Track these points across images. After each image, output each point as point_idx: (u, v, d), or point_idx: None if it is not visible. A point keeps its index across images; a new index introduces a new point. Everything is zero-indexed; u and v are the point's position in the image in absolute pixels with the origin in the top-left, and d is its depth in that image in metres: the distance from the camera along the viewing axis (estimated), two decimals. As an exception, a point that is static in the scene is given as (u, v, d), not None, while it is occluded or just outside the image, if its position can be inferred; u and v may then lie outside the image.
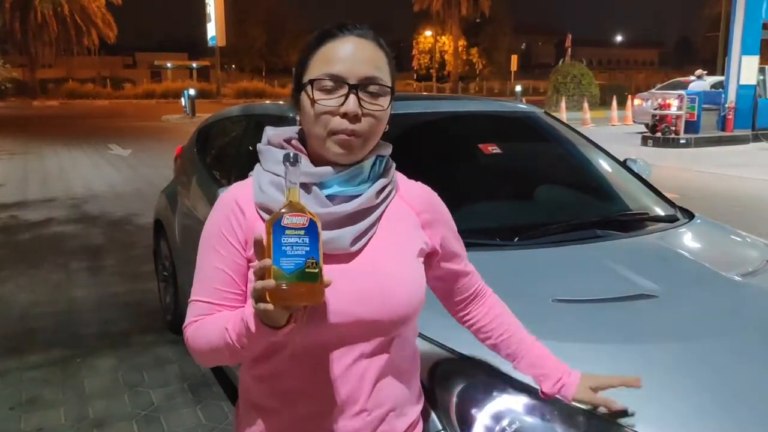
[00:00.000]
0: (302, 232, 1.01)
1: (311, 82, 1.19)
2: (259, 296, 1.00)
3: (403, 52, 78.42)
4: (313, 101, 1.19)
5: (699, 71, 19.16)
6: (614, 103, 22.17)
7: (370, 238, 1.24)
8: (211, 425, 3.21)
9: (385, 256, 1.25)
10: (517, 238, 2.38)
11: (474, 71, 71.61)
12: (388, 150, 1.30)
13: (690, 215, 2.89)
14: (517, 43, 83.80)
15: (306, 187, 1.19)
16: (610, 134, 17.64)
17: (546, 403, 1.51)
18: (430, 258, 1.36)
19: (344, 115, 1.17)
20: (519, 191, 3.05)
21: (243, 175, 1.33)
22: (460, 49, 63.01)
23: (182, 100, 28.09)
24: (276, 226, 1.01)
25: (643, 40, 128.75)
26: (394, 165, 1.32)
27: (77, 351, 4.07)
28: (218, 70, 41.88)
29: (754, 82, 16.93)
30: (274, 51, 65.53)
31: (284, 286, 0.99)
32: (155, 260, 4.75)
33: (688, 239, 2.68)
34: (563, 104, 22.74)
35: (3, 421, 3.27)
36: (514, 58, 46.00)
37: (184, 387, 3.60)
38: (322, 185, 1.21)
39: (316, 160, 1.23)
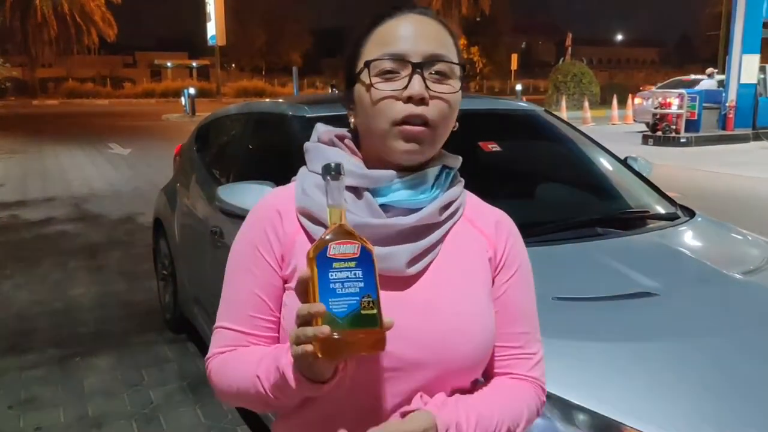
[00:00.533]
0: (353, 263, 0.82)
1: (367, 64, 1.01)
2: (301, 344, 0.82)
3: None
4: (369, 86, 1.01)
5: (710, 69, 19.27)
6: (614, 102, 22.16)
7: (430, 262, 1.03)
8: (210, 424, 3.20)
9: (450, 286, 1.03)
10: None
11: (474, 70, 71.61)
12: (456, 162, 1.11)
13: (691, 213, 2.88)
14: (518, 42, 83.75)
15: (357, 192, 1.02)
16: (610, 133, 17.63)
17: (547, 400, 1.50)
18: None
19: (409, 100, 0.99)
20: (519, 189, 3.04)
21: (242, 174, 1.30)
22: (460, 47, 62.91)
23: (182, 99, 28.10)
24: (321, 258, 0.82)
25: (644, 39, 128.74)
26: (462, 181, 1.12)
27: (76, 350, 4.06)
28: (218, 69, 41.86)
29: (754, 80, 16.92)
30: (274, 50, 65.49)
31: (336, 335, 0.79)
32: (154, 259, 4.74)
33: (688, 237, 2.68)
34: (563, 103, 22.74)
35: (2, 420, 3.26)
36: (515, 57, 45.97)
37: (183, 386, 3.59)
38: (375, 192, 1.03)
39: (374, 165, 1.05)
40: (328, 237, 0.84)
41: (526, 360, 1.10)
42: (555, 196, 3.04)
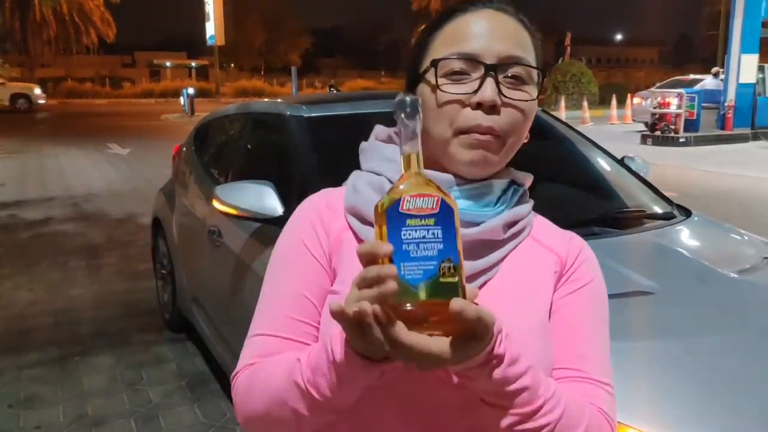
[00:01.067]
0: (431, 221, 0.67)
1: (434, 63, 0.90)
2: (358, 313, 0.67)
3: (403, 52, 78.53)
4: (436, 87, 0.90)
5: (716, 69, 19.34)
6: (614, 101, 22.17)
7: (486, 281, 0.92)
8: (209, 423, 3.21)
9: (506, 306, 0.87)
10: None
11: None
12: (527, 180, 1.01)
13: (687, 213, 2.89)
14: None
15: None
16: (609, 133, 17.64)
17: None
18: None
19: (478, 106, 0.88)
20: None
21: (241, 173, 1.27)
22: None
23: (181, 99, 28.09)
24: (392, 214, 0.67)
25: (643, 39, 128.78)
26: (531, 202, 1.01)
27: (76, 349, 4.07)
28: (217, 69, 41.89)
29: (753, 80, 16.93)
30: (273, 50, 65.57)
31: (409, 306, 0.65)
32: (153, 258, 4.75)
33: (685, 236, 2.69)
34: (563, 103, 22.73)
35: (2, 419, 3.27)
36: (514, 57, 45.93)
37: (182, 385, 3.60)
38: None
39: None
40: (402, 187, 0.69)
41: (589, 384, 0.91)
42: (552, 195, 3.03)
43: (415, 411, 0.88)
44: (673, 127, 15.60)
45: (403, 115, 0.72)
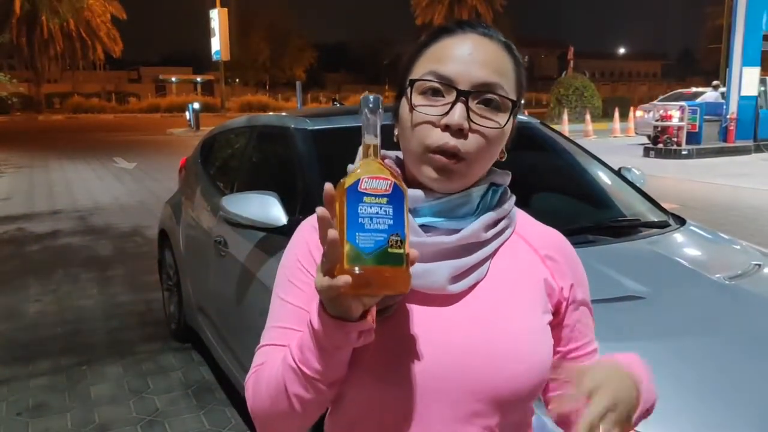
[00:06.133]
0: (384, 200, 0.79)
1: (412, 83, 0.95)
2: (330, 285, 0.78)
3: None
4: (411, 107, 0.95)
5: (716, 82, 19.48)
6: (616, 114, 22.26)
7: (477, 281, 0.97)
8: (214, 430, 3.26)
9: (499, 305, 0.97)
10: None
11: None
12: (505, 179, 1.04)
13: (681, 221, 2.95)
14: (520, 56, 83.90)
15: None
16: (612, 146, 17.70)
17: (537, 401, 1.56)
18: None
19: (447, 128, 0.92)
20: (516, 199, 3.11)
21: (246, 185, 1.32)
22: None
23: (187, 113, 28.28)
24: (351, 192, 0.79)
25: (646, 52, 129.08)
26: (513, 198, 1.06)
27: (83, 358, 4.14)
28: (222, 84, 42.16)
29: (755, 93, 17.00)
30: (277, 65, 65.93)
31: (358, 270, 0.77)
32: (160, 270, 4.82)
33: (678, 244, 2.75)
34: (565, 116, 22.82)
35: (11, 426, 3.33)
36: (517, 71, 46.11)
37: (187, 393, 3.66)
38: (415, 212, 0.97)
39: (414, 185, 0.98)
40: (360, 170, 0.81)
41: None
42: (550, 205, 3.11)
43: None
44: (675, 139, 15.66)
45: (366, 110, 0.83)
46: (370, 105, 0.83)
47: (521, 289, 1.00)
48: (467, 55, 0.94)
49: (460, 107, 0.92)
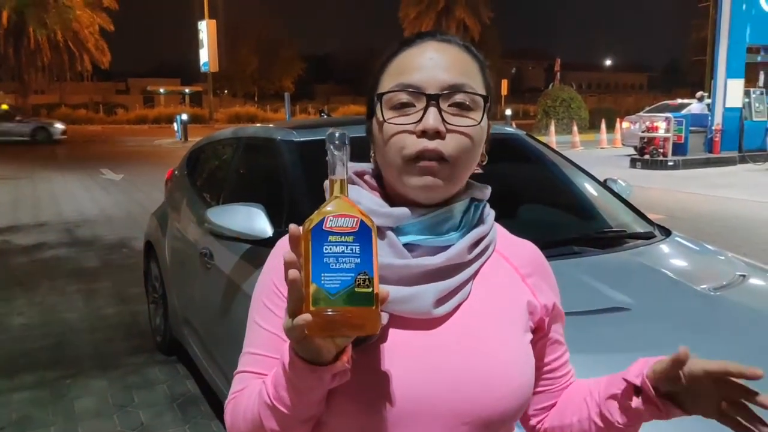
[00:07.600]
0: (350, 238, 0.76)
1: (379, 98, 0.95)
2: (293, 326, 0.76)
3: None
4: (382, 121, 0.94)
5: (700, 93, 19.64)
6: (603, 126, 22.43)
7: (460, 303, 0.96)
8: (199, 444, 3.24)
9: (483, 327, 0.96)
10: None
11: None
12: (485, 193, 1.04)
13: (667, 232, 2.97)
14: (508, 68, 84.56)
15: (379, 231, 0.90)
16: (599, 157, 17.83)
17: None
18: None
19: (423, 134, 0.91)
20: (501, 211, 3.11)
21: (232, 197, 1.30)
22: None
23: (175, 125, 28.23)
24: (316, 232, 0.76)
25: (632, 64, 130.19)
26: (493, 213, 1.05)
27: (68, 372, 4.09)
28: (210, 95, 42.06)
29: (739, 104, 17.19)
30: (266, 76, 65.95)
31: (328, 312, 0.75)
32: (145, 282, 4.79)
33: (663, 255, 2.76)
34: (553, 128, 22.97)
35: (-7, 441, 3.29)
36: (504, 83, 46.41)
37: (173, 406, 3.63)
38: (399, 231, 0.95)
39: (395, 203, 0.97)
40: (328, 208, 0.78)
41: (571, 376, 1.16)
42: (536, 216, 3.12)
43: None
44: (661, 150, 15.80)
45: (332, 147, 0.81)
46: (336, 141, 0.81)
47: (503, 310, 0.99)
48: (430, 61, 0.94)
49: (433, 111, 0.91)
